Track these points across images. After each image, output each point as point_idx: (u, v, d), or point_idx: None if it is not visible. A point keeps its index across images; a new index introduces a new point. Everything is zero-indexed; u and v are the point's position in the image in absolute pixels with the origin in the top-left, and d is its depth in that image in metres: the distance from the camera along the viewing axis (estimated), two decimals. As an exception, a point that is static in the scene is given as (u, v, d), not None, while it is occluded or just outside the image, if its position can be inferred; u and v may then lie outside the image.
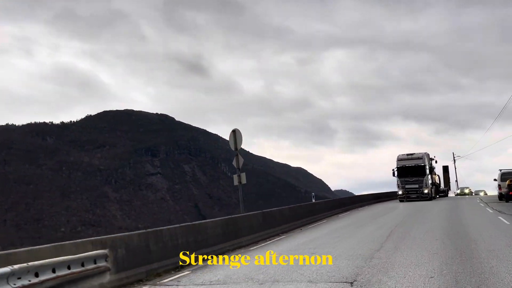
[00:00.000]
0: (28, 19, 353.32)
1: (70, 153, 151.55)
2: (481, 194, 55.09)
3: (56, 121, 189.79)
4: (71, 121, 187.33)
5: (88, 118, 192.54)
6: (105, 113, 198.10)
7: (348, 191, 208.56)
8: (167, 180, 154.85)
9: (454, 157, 72.43)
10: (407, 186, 34.93)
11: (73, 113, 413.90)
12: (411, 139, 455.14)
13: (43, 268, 6.00)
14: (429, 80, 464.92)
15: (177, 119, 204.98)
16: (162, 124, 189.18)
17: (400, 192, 35.31)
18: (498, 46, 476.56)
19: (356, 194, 72.44)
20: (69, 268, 6.47)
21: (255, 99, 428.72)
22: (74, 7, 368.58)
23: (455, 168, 71.25)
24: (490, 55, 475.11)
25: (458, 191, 59.94)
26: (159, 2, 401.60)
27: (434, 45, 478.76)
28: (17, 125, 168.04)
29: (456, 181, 70.59)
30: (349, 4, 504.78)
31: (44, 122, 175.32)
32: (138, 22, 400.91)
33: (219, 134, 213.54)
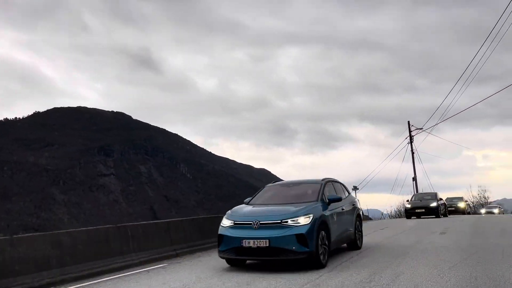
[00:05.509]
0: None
1: (13, 152, 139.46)
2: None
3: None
4: (16, 118, 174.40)
5: (36, 115, 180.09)
6: (55, 110, 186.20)
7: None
8: (120, 181, 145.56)
9: (409, 128, 39.45)
10: None
11: (17, 109, 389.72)
12: (368, 141, 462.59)
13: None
14: (385, 81, 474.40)
15: (134, 117, 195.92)
16: (117, 122, 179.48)
17: None
18: (452, 47, 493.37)
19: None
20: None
21: (210, 98, 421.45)
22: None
23: (413, 153, 38.93)
24: (444, 56, 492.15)
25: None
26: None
27: (389, 44, 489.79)
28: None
29: (414, 179, 38.08)
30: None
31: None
32: (78, 11, 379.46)
33: (179, 134, 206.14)
